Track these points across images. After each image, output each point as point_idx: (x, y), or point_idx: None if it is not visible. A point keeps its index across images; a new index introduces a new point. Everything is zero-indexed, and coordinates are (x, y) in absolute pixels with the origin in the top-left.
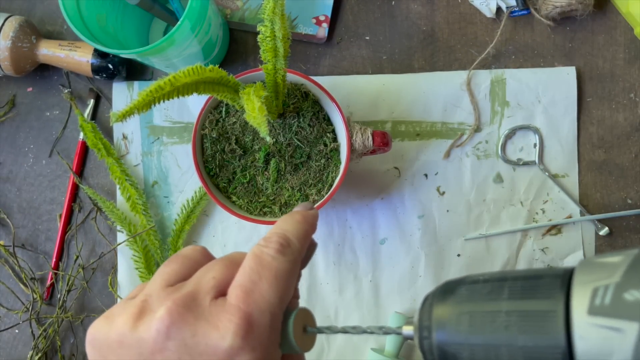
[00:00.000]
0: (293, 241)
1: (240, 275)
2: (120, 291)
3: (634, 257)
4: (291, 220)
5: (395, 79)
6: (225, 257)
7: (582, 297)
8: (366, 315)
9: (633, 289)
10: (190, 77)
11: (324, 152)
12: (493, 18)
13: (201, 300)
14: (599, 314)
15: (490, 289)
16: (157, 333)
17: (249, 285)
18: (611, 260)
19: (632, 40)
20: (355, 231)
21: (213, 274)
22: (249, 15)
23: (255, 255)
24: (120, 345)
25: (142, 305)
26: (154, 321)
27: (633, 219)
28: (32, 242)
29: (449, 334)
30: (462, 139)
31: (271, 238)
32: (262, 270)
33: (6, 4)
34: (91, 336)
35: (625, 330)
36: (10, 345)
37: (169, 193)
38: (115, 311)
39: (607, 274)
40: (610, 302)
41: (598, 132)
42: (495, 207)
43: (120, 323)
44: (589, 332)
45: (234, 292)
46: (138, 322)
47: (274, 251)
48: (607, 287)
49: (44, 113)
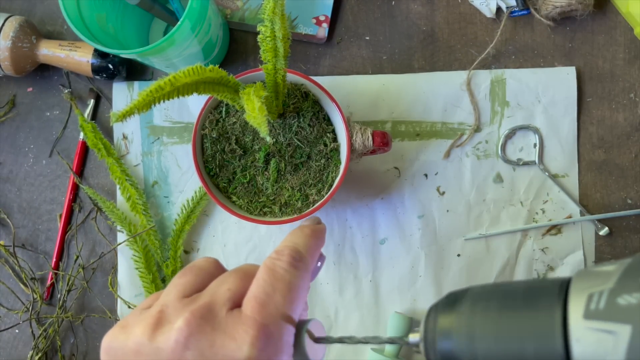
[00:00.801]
0: (304, 254)
1: (254, 287)
2: (120, 291)
3: (627, 265)
4: (301, 234)
5: (395, 79)
6: (238, 269)
7: (579, 302)
8: (366, 315)
9: (626, 293)
10: (190, 77)
11: (324, 152)
12: (493, 18)
13: (217, 312)
14: (594, 318)
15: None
16: (175, 344)
17: (264, 297)
18: (606, 269)
19: (632, 40)
20: (355, 231)
21: (228, 285)
22: (249, 15)
23: (268, 268)
24: (138, 355)
25: (159, 315)
26: (173, 332)
27: (633, 219)
28: (32, 242)
29: (453, 343)
30: (462, 139)
31: (283, 251)
32: (276, 283)
33: (6, 4)
34: (107, 345)
35: (619, 332)
36: (11, 345)
37: (169, 193)
38: (131, 321)
39: (602, 280)
40: (605, 306)
41: (598, 132)
42: (495, 207)
43: (138, 333)
44: (585, 336)
45: (249, 304)
46: (156, 332)
47: (287, 264)
48: (601, 293)
49: (44, 113)
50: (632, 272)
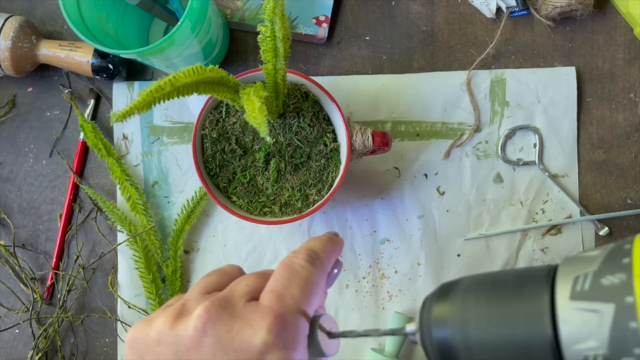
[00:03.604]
0: (320, 254)
1: (272, 281)
2: (120, 291)
3: (610, 249)
4: (318, 239)
5: (395, 79)
6: (257, 271)
7: (565, 285)
8: (366, 315)
9: (609, 274)
10: (190, 77)
11: (324, 152)
12: (493, 18)
13: (236, 302)
14: (579, 298)
15: (483, 287)
16: (194, 330)
17: (281, 290)
18: (591, 254)
19: (632, 40)
20: (355, 231)
21: (247, 282)
22: (249, 15)
23: (285, 264)
24: (159, 344)
25: (181, 307)
26: (192, 319)
27: (633, 219)
28: (32, 242)
29: (447, 331)
30: (462, 139)
31: (300, 250)
32: (293, 277)
33: (6, 4)
34: (131, 337)
35: (603, 311)
36: (11, 345)
37: (169, 193)
38: (155, 315)
39: (587, 264)
40: (589, 287)
41: (598, 132)
42: (495, 207)
43: (160, 323)
44: (572, 316)
45: (266, 296)
46: (177, 321)
47: (303, 260)
48: (586, 275)
49: (44, 113)
50: (615, 254)
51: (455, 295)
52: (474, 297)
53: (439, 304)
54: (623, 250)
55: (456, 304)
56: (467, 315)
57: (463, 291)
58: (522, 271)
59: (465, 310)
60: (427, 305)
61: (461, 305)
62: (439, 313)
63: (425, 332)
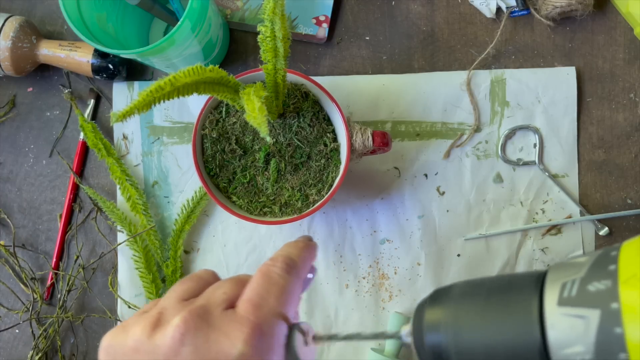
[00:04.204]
0: (297, 262)
1: (249, 290)
2: (120, 291)
3: (598, 256)
4: (295, 245)
5: (395, 79)
6: (233, 277)
7: (553, 291)
8: (366, 315)
9: (595, 281)
10: (190, 77)
11: (324, 152)
12: (493, 18)
13: (213, 311)
14: (566, 304)
15: (474, 293)
16: (172, 340)
17: (258, 300)
18: (579, 260)
19: (632, 40)
20: (355, 231)
21: (224, 289)
22: (249, 15)
23: (263, 273)
24: (136, 352)
25: (158, 316)
26: (170, 328)
27: (633, 219)
28: (32, 242)
29: (440, 336)
30: (462, 139)
31: (278, 258)
32: (270, 287)
33: (6, 4)
34: (107, 343)
35: (589, 317)
36: (11, 345)
37: (169, 193)
38: (131, 322)
39: (575, 270)
40: (576, 293)
41: (598, 132)
42: (495, 207)
43: (137, 331)
44: (559, 321)
45: (243, 305)
46: (155, 331)
47: (281, 270)
48: (574, 281)
49: (44, 113)
50: (602, 261)
51: (448, 301)
52: (466, 303)
53: (431, 310)
54: (609, 257)
55: (448, 310)
56: (459, 321)
57: (455, 297)
58: (512, 277)
59: (457, 316)
60: (420, 311)
61: (453, 311)
62: (431, 318)
63: (418, 337)
